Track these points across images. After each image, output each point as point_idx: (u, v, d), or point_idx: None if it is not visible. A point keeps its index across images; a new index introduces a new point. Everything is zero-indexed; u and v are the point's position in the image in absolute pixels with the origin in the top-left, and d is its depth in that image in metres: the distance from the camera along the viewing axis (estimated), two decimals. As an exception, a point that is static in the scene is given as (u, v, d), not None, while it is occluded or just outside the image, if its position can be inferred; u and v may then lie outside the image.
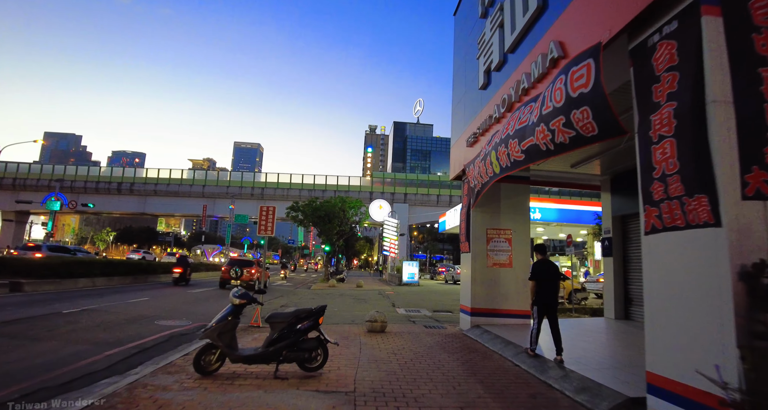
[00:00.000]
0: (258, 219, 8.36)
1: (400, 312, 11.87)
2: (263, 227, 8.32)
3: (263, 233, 8.33)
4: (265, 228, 8.34)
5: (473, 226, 8.54)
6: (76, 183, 59.16)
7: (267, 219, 8.33)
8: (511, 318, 8.35)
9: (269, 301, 14.06)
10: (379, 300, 15.40)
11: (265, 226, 8.32)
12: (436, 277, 35.02)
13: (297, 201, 26.96)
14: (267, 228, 8.33)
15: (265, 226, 8.32)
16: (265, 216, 8.33)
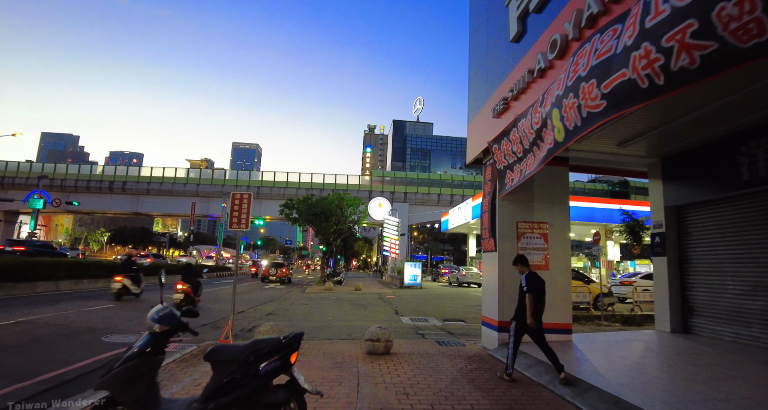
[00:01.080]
0: (230, 210, 6.63)
1: (405, 322, 10.15)
2: (236, 219, 6.59)
3: (236, 227, 6.60)
4: (238, 220, 6.60)
5: (500, 219, 6.84)
6: (67, 182, 57.40)
7: (240, 210, 6.60)
8: (549, 333, 6.63)
9: (254, 308, 12.33)
10: (380, 306, 13.68)
11: (238, 218, 6.59)
12: (439, 279, 33.29)
13: (291, 198, 25.22)
14: (240, 220, 6.59)
15: (238, 218, 6.58)
16: (238, 206, 6.59)
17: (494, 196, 6.98)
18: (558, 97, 4.05)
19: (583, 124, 3.70)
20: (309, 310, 12.15)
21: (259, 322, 9.52)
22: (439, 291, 21.95)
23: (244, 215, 6.59)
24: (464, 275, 26.28)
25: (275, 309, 12.37)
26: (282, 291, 19.91)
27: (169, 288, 13.72)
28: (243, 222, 6.59)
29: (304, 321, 10.01)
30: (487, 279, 7.33)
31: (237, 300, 14.93)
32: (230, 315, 6.76)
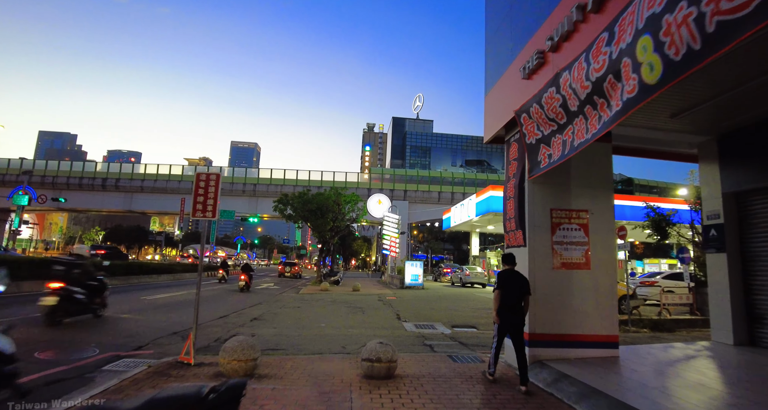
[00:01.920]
0: (193, 193, 5.30)
1: (409, 330, 8.83)
2: (200, 205, 5.25)
3: (200, 215, 5.26)
4: (203, 207, 5.26)
5: (531, 207, 5.53)
6: (59, 179, 55.97)
7: (206, 194, 5.26)
8: (591, 347, 5.34)
9: (239, 312, 10.99)
10: (380, 310, 12.35)
11: (203, 204, 5.24)
12: (441, 279, 31.99)
13: (285, 193, 23.87)
14: (206, 207, 5.25)
15: (203, 204, 5.24)
16: (203, 189, 5.25)
17: (522, 179, 5.66)
18: (652, 18, 2.71)
19: (705, 47, 2.37)
20: (300, 315, 10.83)
21: (239, 330, 8.20)
22: (443, 292, 20.63)
23: (211, 200, 5.24)
24: (468, 275, 24.99)
25: (262, 313, 11.04)
26: (274, 291, 18.59)
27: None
28: (209, 210, 5.25)
29: (293, 328, 8.69)
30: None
31: (223, 303, 13.66)
32: (193, 327, 5.42)
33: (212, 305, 12.50)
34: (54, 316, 7.53)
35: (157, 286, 17.91)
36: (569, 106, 4.21)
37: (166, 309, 11.07)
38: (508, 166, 6.17)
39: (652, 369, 5.08)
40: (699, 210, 12.65)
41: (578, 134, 4.27)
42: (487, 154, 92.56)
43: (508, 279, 4.70)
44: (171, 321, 8.98)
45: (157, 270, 21.39)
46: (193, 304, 12.11)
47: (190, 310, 10.75)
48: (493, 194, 24.05)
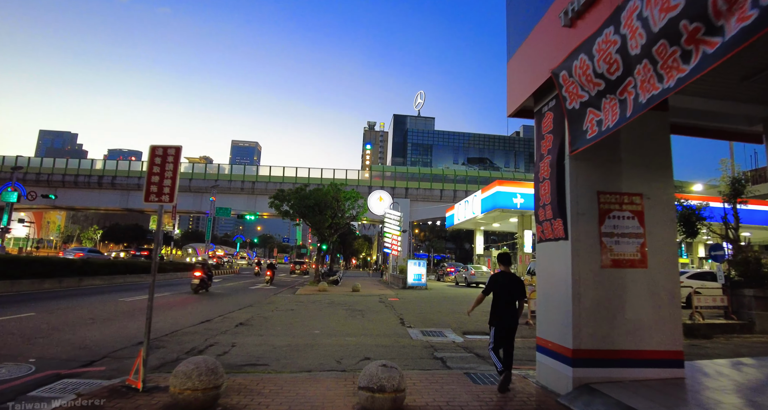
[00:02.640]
0: (146, 174, 4.19)
1: (416, 338, 7.72)
2: (155, 187, 4.14)
3: (154, 200, 4.15)
4: (158, 189, 4.15)
5: (573, 190, 4.40)
6: (54, 176, 55.01)
7: (162, 173, 4.15)
8: (650, 366, 4.23)
9: (226, 315, 9.89)
10: (382, 313, 11.24)
11: (158, 186, 4.14)
12: (444, 278, 30.85)
13: (282, 189, 22.76)
14: (162, 189, 4.14)
15: (159, 186, 4.13)
16: (159, 167, 4.14)
17: (560, 155, 4.53)
18: None
19: None
20: (292, 319, 9.72)
21: (219, 339, 7.10)
22: (447, 293, 19.52)
23: (169, 181, 4.13)
24: (473, 274, 23.86)
25: (251, 316, 9.94)
26: (269, 292, 17.49)
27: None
28: (166, 193, 4.14)
29: (282, 335, 7.59)
30: (548, 281, 4.89)
31: (210, 305, 12.57)
32: (144, 341, 4.31)
33: (198, 307, 11.41)
34: (198, 288, 14.92)
35: (142, 287, 16.83)
36: (631, 50, 3.09)
37: (143, 313, 9.96)
38: (540, 141, 5.04)
39: (742, 399, 3.95)
40: (732, 203, 11.51)
41: (645, 86, 3.14)
42: (489, 151, 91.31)
43: (502, 282, 4.56)
44: (142, 328, 7.87)
45: (144, 270, 20.30)
46: (177, 307, 10.97)
47: (170, 314, 9.66)
48: (500, 190, 22.92)
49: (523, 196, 22.87)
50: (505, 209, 23.00)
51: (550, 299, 4.74)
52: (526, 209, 23.10)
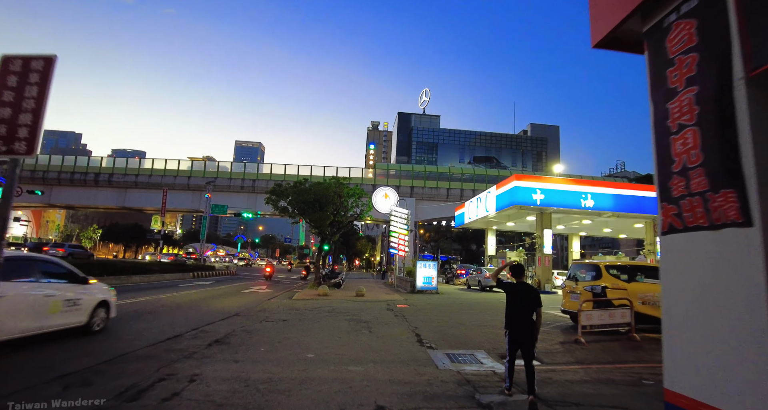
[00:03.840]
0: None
1: (442, 365, 5.80)
2: (4, 129, 2.26)
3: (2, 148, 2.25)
4: (9, 131, 2.25)
5: (758, 137, 2.44)
6: (50, 174, 53.52)
7: (19, 103, 2.24)
8: None
9: (204, 328, 7.98)
10: (392, 325, 9.32)
11: (10, 126, 2.25)
12: (455, 281, 28.89)
13: (279, 183, 20.91)
14: (15, 131, 2.24)
15: (11, 125, 2.24)
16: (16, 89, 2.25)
17: (722, 83, 2.60)
18: None
19: None
20: (282, 334, 7.82)
21: (180, 367, 5.22)
22: (463, 298, 17.57)
23: (29, 116, 2.21)
24: (488, 277, 21.88)
25: (233, 330, 8.06)
26: (263, 296, 15.60)
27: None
28: (21, 138, 2.23)
29: (264, 361, 5.70)
30: (694, 301, 2.93)
31: (190, 313, 10.69)
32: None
33: (170, 317, 9.53)
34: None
35: (123, 290, 14.98)
36: None
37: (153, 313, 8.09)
38: (668, 69, 3.11)
39: None
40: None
41: None
42: (495, 150, 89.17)
43: (517, 289, 4.51)
44: (84, 352, 6.00)
45: (127, 271, 18.50)
46: (146, 315, 8.88)
47: (133, 326, 7.64)
48: (518, 184, 20.97)
49: (543, 192, 20.92)
50: (524, 206, 21.05)
51: (700, 331, 2.80)
52: (546, 206, 21.14)
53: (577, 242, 32.17)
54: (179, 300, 12.98)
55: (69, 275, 6.87)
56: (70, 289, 6.64)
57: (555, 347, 7.39)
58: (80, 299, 6.77)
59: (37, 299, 5.93)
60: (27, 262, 6.33)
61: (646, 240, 24.29)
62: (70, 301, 6.55)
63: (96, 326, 7.13)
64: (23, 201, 52.59)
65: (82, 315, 6.78)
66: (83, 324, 6.82)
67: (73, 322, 6.60)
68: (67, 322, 6.48)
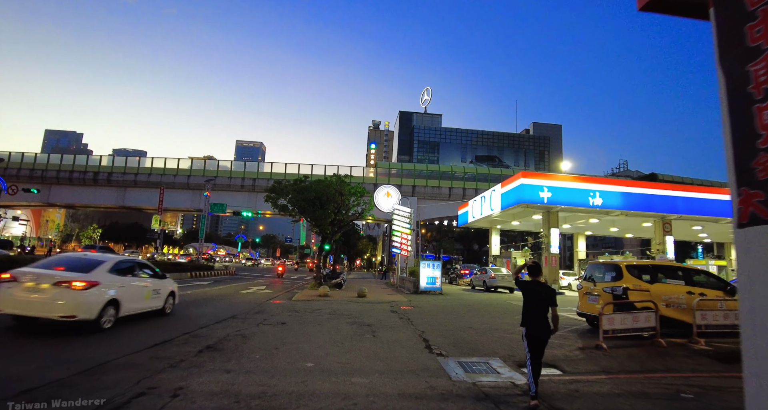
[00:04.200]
0: None
1: (455, 375, 5.24)
2: None
3: None
4: None
5: None
6: (48, 173, 53.10)
7: None
8: None
9: (198, 331, 7.43)
10: (397, 330, 8.76)
11: None
12: (458, 281, 28.33)
13: (279, 180, 20.36)
14: None
15: None
16: None
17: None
18: None
19: None
20: (280, 339, 7.27)
21: (164, 377, 4.67)
22: (468, 299, 17.01)
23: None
24: (493, 278, 21.31)
25: (227, 335, 7.51)
26: (262, 297, 15.05)
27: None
28: None
29: (259, 371, 5.15)
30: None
31: (184, 317, 10.17)
32: None
33: (164, 320, 8.99)
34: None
35: None
36: None
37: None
38: (748, 24, 2.55)
39: None
40: None
41: None
42: (497, 149, 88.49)
43: (533, 288, 4.54)
44: (53, 361, 5.45)
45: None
46: (139, 318, 8.26)
47: (122, 330, 6.95)
48: (524, 182, 20.39)
49: (550, 190, 20.34)
50: (530, 204, 20.47)
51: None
52: (553, 204, 20.56)
53: (582, 242, 31.59)
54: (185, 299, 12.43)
55: (153, 272, 9.17)
56: (155, 282, 8.96)
57: (575, 353, 6.83)
58: (160, 290, 9.08)
59: (140, 289, 8.37)
60: (132, 264, 8.70)
61: (654, 239, 23.68)
62: (155, 291, 8.88)
63: (167, 309, 9.47)
64: (21, 200, 52.14)
65: (160, 302, 9.13)
66: (160, 308, 9.17)
67: (156, 306, 8.95)
68: (154, 306, 8.86)
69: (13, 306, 6.46)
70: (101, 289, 7.03)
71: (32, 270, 6.84)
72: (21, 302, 6.43)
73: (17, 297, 6.42)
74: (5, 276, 6.63)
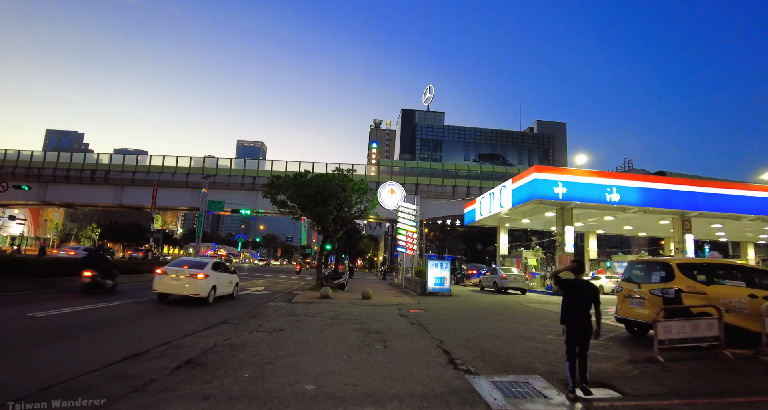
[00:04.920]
0: None
1: (491, 399, 4.14)
2: None
3: None
4: None
5: None
6: (44, 171, 52.21)
7: None
8: None
9: (179, 341, 6.32)
10: (411, 338, 7.64)
11: None
12: (465, 282, 27.20)
13: (277, 175, 19.26)
14: None
15: None
16: None
17: None
18: None
19: None
20: (276, 350, 6.16)
21: (122, 407, 3.59)
22: (480, 301, 15.88)
23: None
24: (505, 278, 20.20)
25: (214, 344, 6.42)
26: (258, 298, 13.95)
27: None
28: None
29: (248, 395, 4.06)
30: None
31: (169, 320, 8.95)
32: None
33: (145, 325, 7.91)
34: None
35: (129, 290, 13.38)
36: None
37: (46, 337, 6.45)
38: None
39: None
40: None
41: None
42: (501, 148, 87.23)
43: (574, 284, 4.58)
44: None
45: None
46: (166, 312, 7.35)
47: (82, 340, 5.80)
48: (538, 177, 19.26)
49: (565, 185, 19.21)
50: (544, 200, 19.34)
51: None
52: (568, 200, 19.41)
53: (594, 241, 30.45)
54: (162, 303, 11.32)
55: (227, 268, 13.26)
56: (230, 276, 13.10)
57: (627, 368, 5.71)
58: (231, 281, 13.12)
59: (224, 279, 12.47)
60: (220, 263, 12.89)
61: (674, 238, 22.51)
62: (230, 281, 13.02)
63: (234, 295, 13.54)
64: (16, 198, 51.19)
65: (232, 288, 13.22)
66: (231, 294, 13.18)
67: (229, 292, 13.02)
68: (229, 291, 12.98)
69: (164, 287, 11.09)
70: (209, 279, 11.39)
71: (173, 268, 11.37)
72: (168, 285, 11.06)
73: (167, 283, 11.05)
74: (159, 272, 11.22)
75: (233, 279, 13.30)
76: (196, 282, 10.97)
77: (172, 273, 11.09)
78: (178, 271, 11.14)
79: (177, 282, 10.98)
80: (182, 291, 10.95)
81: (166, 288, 11.08)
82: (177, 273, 11.08)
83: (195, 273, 11.08)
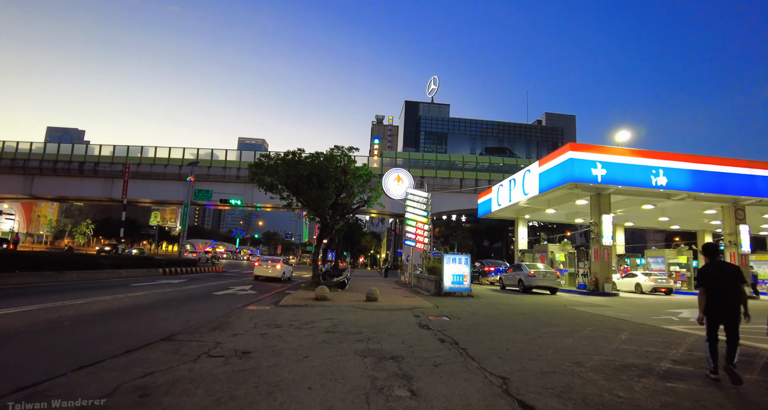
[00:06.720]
0: None
1: None
2: None
3: None
4: None
5: None
6: (31, 162, 49.62)
7: None
8: None
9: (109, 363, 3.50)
10: (448, 367, 4.76)
11: None
12: (481, 280, 24.34)
13: (266, 154, 16.37)
14: None
15: None
16: None
17: None
18: None
19: None
20: (219, 405, 3.31)
21: None
22: (510, 303, 13.00)
23: None
24: (533, 275, 17.32)
25: (119, 386, 3.57)
26: (238, 300, 11.12)
27: None
28: None
29: None
30: None
31: (100, 328, 6.17)
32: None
33: (115, 326, 5.08)
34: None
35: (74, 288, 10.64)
36: None
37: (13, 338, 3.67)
38: None
39: None
40: None
41: None
42: (508, 140, 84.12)
43: (714, 271, 4.35)
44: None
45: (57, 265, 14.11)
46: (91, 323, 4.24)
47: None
48: (574, 156, 16.35)
49: (605, 166, 16.28)
50: (580, 183, 16.41)
51: None
52: (608, 183, 16.47)
53: (621, 234, 27.50)
54: (98, 308, 8.50)
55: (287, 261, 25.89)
56: (287, 266, 23.10)
57: None
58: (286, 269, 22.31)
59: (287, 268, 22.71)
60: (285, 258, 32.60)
61: (724, 230, 19.56)
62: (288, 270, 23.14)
63: (289, 280, 22.08)
64: (1, 191, 48.65)
65: (289, 274, 23.08)
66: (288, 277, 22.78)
67: (288, 276, 22.81)
68: (288, 276, 22.72)
69: (261, 273, 20.30)
70: (283, 268, 21.03)
71: (265, 260, 21.58)
72: (264, 271, 20.36)
73: (263, 270, 20.39)
74: (257, 264, 21.22)
75: (288, 268, 22.74)
76: (277, 269, 20.36)
77: (264, 263, 20.80)
78: (268, 262, 21.07)
79: (268, 269, 20.42)
80: (271, 275, 20.23)
81: (262, 273, 20.27)
82: (266, 264, 20.80)
83: (276, 265, 20.66)
